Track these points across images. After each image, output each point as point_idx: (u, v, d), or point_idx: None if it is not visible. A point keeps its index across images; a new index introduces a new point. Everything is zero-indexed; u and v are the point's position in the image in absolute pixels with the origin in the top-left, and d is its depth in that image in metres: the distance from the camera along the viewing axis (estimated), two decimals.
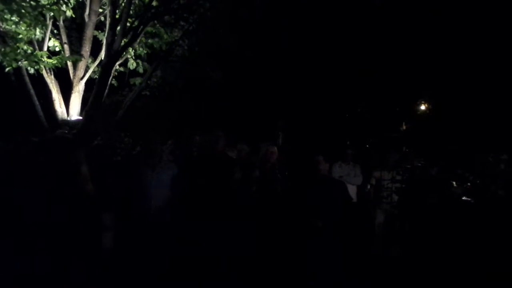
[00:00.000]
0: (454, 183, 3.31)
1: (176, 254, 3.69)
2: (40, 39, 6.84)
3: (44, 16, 6.55)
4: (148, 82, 8.68)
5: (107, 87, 7.47)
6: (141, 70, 8.44)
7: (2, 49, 5.88)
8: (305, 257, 3.66)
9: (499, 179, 3.16)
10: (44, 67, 6.65)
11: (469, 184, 3.27)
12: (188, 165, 3.87)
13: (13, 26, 6.12)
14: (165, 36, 8.29)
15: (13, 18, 5.98)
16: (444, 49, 11.30)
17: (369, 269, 5.12)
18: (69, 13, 6.87)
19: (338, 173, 6.38)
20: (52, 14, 6.51)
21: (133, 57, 8.23)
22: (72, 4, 6.87)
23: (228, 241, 3.58)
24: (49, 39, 7.05)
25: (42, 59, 6.32)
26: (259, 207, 3.62)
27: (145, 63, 8.52)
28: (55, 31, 7.32)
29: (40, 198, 3.01)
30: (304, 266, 3.68)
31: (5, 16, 5.89)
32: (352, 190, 5.95)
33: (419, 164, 4.13)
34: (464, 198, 3.87)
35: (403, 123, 15.96)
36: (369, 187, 6.24)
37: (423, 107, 15.32)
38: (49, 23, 6.85)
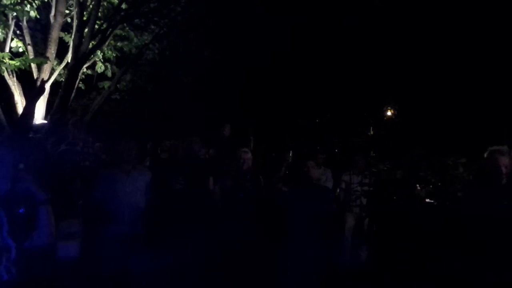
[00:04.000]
0: (418, 185, 3.46)
1: (147, 266, 3.60)
2: (2, 39, 6.57)
3: (6, 16, 6.30)
4: (118, 85, 8.51)
5: (74, 91, 7.25)
6: (109, 73, 8.26)
7: None
8: (282, 263, 3.67)
9: (458, 181, 3.34)
10: (6, 69, 6.38)
11: (431, 186, 3.43)
12: (162, 170, 3.82)
13: None
14: (135, 40, 8.18)
15: None
16: (409, 56, 11.81)
17: (339, 273, 5.21)
18: (33, 13, 6.64)
19: None
20: (14, 14, 6.28)
21: (102, 60, 8.05)
22: (37, 5, 6.65)
23: (202, 247, 3.55)
24: (12, 39, 6.78)
25: (4, 60, 6.07)
26: (234, 211, 3.61)
27: (114, 67, 8.35)
28: (18, 31, 7.05)
29: None
30: (280, 272, 3.69)
31: None
32: None
33: (385, 168, 4.29)
34: (427, 200, 4.05)
35: (371, 128, 16.48)
36: (338, 191, 6.38)
37: (389, 112, 15.90)
38: (12, 23, 6.60)
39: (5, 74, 6.63)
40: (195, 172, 3.75)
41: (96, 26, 7.06)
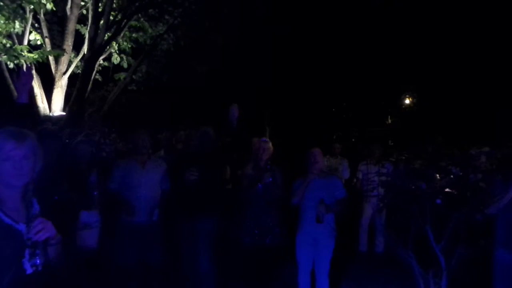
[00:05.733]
0: (437, 175, 3.35)
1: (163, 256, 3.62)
2: (20, 32, 6.66)
3: (23, 9, 6.37)
4: (133, 77, 8.56)
5: (91, 82, 7.33)
6: (125, 65, 8.31)
7: None
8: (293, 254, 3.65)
9: (480, 171, 3.23)
10: (25, 61, 6.48)
11: (451, 176, 3.33)
12: (177, 161, 3.81)
13: None
14: (150, 30, 8.17)
15: None
16: (428, 44, 11.46)
17: (356, 264, 5.17)
18: (49, 6, 6.68)
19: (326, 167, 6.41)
20: (32, 7, 6.33)
21: (117, 52, 8.09)
22: None
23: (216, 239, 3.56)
24: (30, 32, 6.87)
25: (22, 53, 6.15)
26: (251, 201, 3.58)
27: (130, 58, 8.38)
28: (36, 24, 7.13)
29: None
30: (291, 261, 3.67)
31: None
32: None
33: (403, 157, 4.18)
34: (447, 190, 3.92)
35: (388, 116, 16.19)
36: (355, 180, 6.29)
37: (407, 101, 15.56)
38: (29, 16, 6.66)
39: (24, 67, 6.74)
40: (210, 162, 3.73)
41: (111, 18, 7.10)
